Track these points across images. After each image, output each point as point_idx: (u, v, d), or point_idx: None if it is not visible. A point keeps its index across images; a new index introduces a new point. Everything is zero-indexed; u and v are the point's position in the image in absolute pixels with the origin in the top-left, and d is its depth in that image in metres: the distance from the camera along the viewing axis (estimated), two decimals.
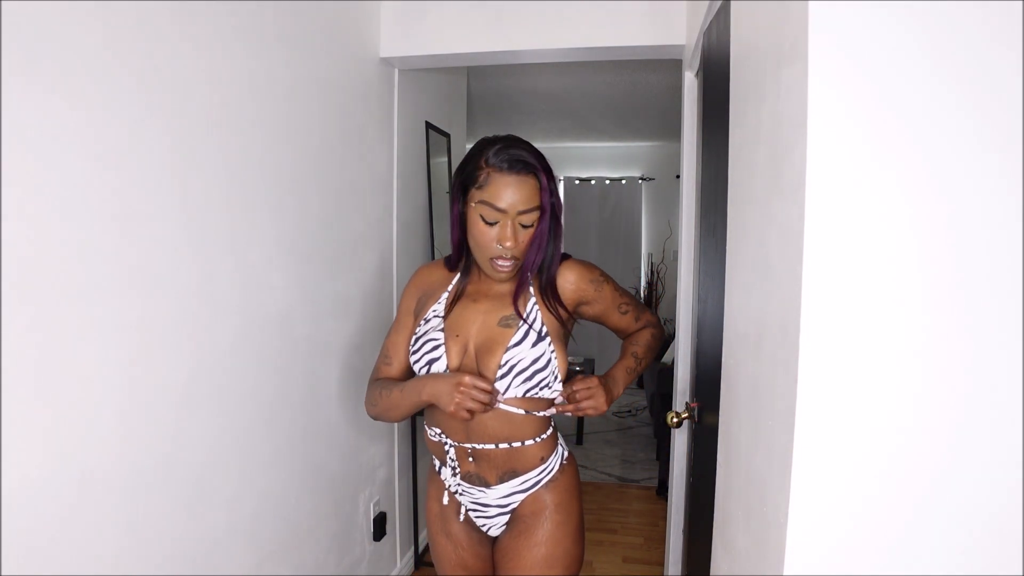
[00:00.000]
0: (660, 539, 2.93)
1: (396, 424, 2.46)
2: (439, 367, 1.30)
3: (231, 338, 1.48)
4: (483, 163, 1.24)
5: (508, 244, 1.24)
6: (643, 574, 2.71)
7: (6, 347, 0.94)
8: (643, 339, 1.46)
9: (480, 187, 1.24)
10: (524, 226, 1.25)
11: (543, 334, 1.28)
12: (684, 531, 2.05)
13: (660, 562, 2.76)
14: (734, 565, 0.97)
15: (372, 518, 2.27)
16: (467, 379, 1.22)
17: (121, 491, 1.18)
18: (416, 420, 2.60)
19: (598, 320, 1.42)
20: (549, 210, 1.26)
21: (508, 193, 1.22)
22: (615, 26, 2.08)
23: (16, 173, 0.95)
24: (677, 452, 2.26)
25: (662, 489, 3.46)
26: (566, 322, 1.35)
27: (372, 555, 2.28)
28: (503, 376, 1.26)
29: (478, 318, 1.32)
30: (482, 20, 2.17)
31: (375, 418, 1.43)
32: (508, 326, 1.29)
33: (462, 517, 1.41)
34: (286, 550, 1.74)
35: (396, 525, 2.49)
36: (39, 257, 1.00)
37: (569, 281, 1.35)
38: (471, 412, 1.23)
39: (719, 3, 1.38)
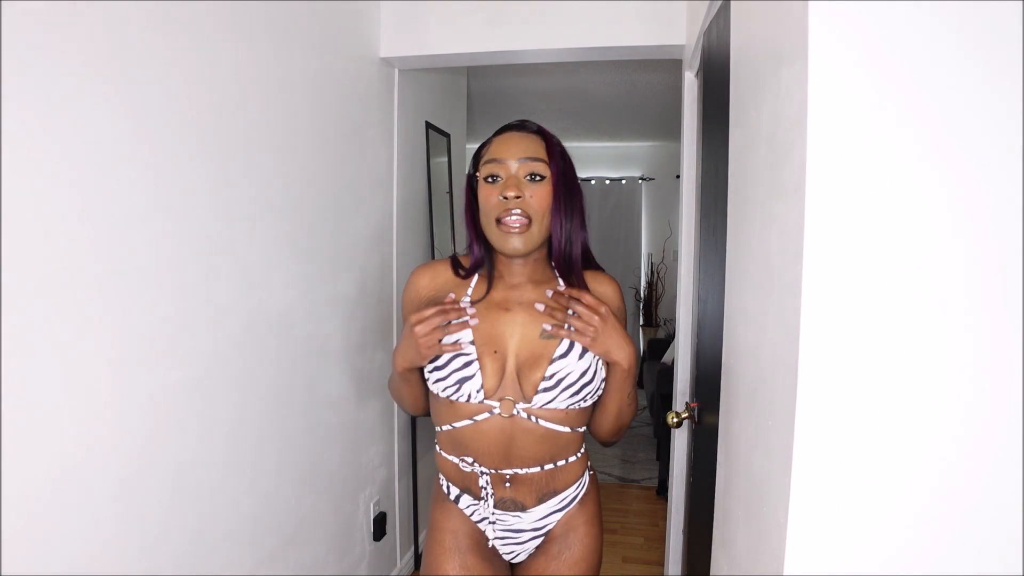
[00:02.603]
0: (660, 539, 2.93)
1: (396, 424, 2.46)
2: (472, 388, 1.16)
3: (230, 338, 1.48)
4: (489, 139, 1.22)
5: (511, 193, 1.14)
6: (643, 574, 2.71)
7: (5, 348, 0.94)
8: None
9: (485, 153, 1.20)
10: (532, 179, 1.16)
11: None
12: (684, 531, 2.05)
13: (660, 562, 2.76)
14: (734, 565, 0.97)
15: (372, 518, 2.27)
16: (419, 327, 1.14)
17: (120, 491, 1.18)
18: (415, 419, 2.60)
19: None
20: (559, 170, 1.18)
21: (508, 144, 1.17)
22: (615, 26, 2.08)
23: (13, 174, 0.95)
24: (677, 452, 2.26)
25: (662, 489, 3.46)
26: None
27: (372, 555, 2.28)
28: (548, 389, 1.16)
29: (516, 331, 1.19)
30: (482, 20, 2.17)
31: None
32: (551, 338, 1.19)
33: (491, 543, 1.27)
34: (286, 550, 1.74)
35: (396, 525, 2.49)
36: (38, 258, 1.00)
37: (606, 297, 1.25)
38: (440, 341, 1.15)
39: (719, 3, 1.38)
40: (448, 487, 1.30)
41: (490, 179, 1.17)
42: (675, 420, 1.58)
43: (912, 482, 0.65)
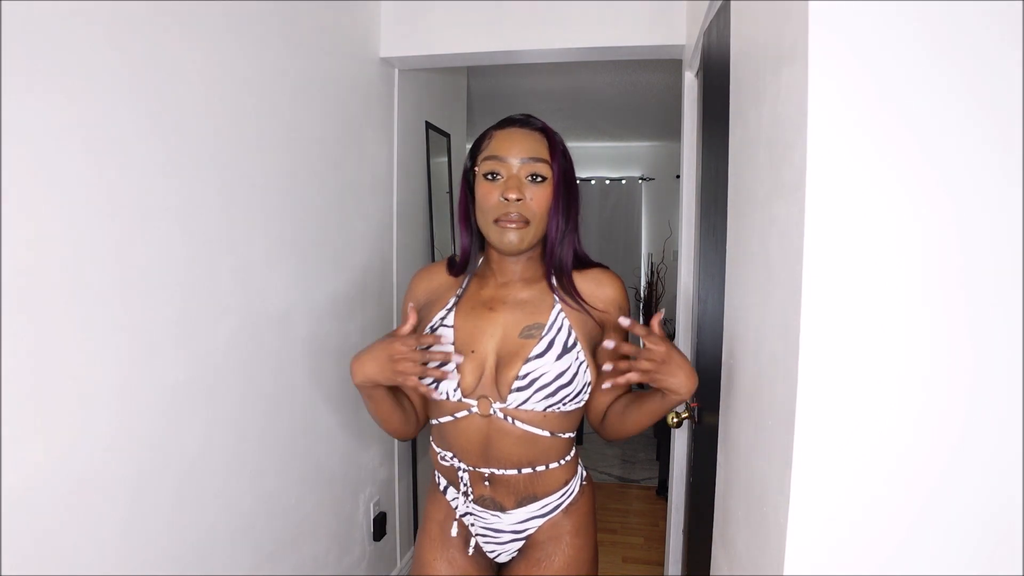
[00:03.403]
0: (660, 539, 2.93)
1: None
2: (448, 386, 1.16)
3: (230, 338, 1.48)
4: (490, 132, 1.19)
5: (512, 195, 1.10)
6: (643, 574, 2.71)
7: (5, 347, 0.94)
8: None
9: (485, 148, 1.17)
10: (533, 180, 1.13)
11: (570, 344, 1.15)
12: (684, 531, 2.05)
13: (660, 562, 2.76)
14: (734, 565, 0.97)
15: (372, 518, 2.27)
16: (398, 345, 1.08)
17: (120, 491, 1.18)
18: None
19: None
20: (561, 170, 1.15)
21: (511, 142, 1.14)
22: (615, 26, 2.08)
23: (14, 173, 0.95)
24: (677, 452, 2.26)
25: (662, 489, 3.46)
26: (593, 315, 1.19)
27: (372, 555, 2.28)
28: (521, 389, 1.13)
29: (497, 331, 1.17)
30: (482, 20, 2.17)
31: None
32: (531, 336, 1.15)
33: (471, 550, 1.27)
34: (286, 550, 1.74)
35: (396, 525, 2.49)
36: (37, 257, 1.00)
37: (608, 298, 1.21)
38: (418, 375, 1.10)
39: (719, 3, 1.38)
40: (438, 477, 1.31)
41: (490, 176, 1.14)
42: (675, 420, 1.58)
43: (911, 482, 0.65)
